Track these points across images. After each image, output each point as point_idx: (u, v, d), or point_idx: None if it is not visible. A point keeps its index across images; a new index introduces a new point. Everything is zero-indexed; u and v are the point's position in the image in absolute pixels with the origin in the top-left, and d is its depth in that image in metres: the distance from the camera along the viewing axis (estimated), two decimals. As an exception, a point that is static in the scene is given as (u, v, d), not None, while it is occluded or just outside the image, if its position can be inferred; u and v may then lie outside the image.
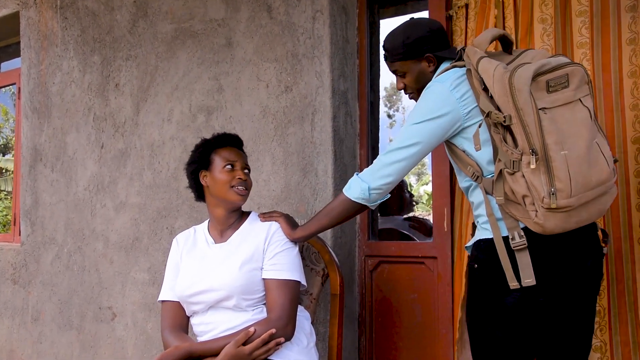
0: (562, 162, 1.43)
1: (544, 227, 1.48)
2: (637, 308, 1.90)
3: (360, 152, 2.50)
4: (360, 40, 2.53)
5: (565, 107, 1.47)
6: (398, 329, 2.40)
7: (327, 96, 2.34)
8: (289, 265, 1.86)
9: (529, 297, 1.54)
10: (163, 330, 1.92)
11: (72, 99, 3.13)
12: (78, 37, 3.12)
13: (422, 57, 1.75)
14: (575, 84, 1.48)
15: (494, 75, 1.49)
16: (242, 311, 1.84)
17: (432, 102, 1.65)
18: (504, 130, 1.51)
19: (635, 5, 1.93)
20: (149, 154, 2.82)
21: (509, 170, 1.50)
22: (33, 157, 3.27)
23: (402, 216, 3.24)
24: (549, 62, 1.49)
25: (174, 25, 2.78)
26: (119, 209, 2.91)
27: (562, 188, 1.43)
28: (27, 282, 3.27)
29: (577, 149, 1.45)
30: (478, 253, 1.65)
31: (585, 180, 1.45)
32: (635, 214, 1.91)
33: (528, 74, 1.44)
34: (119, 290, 2.88)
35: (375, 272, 2.45)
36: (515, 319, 1.56)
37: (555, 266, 1.55)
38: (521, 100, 1.44)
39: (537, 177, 1.45)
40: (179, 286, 1.92)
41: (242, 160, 1.95)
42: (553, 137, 1.43)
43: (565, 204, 1.43)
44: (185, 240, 2.02)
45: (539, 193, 1.45)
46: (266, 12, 2.51)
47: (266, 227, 1.92)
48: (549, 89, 1.46)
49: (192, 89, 2.70)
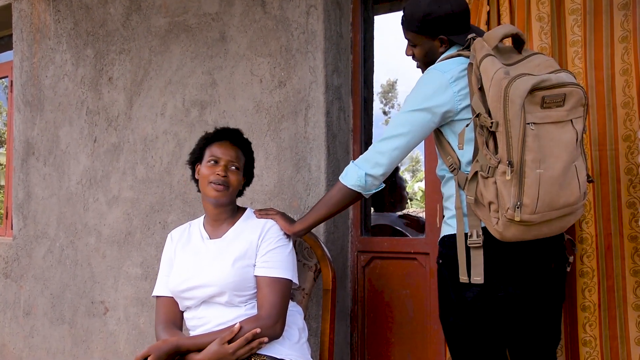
0: (534, 180, 1.45)
1: (502, 235, 1.53)
2: (625, 303, 1.92)
3: (353, 147, 2.50)
4: (354, 35, 2.52)
5: (554, 126, 1.48)
6: (390, 324, 2.41)
7: (320, 91, 2.34)
8: (281, 262, 1.86)
9: (487, 293, 1.59)
10: (157, 326, 1.92)
11: (64, 93, 3.11)
12: (71, 30, 3.11)
13: (436, 37, 1.75)
14: (570, 104, 1.50)
15: (492, 78, 1.49)
16: (235, 307, 1.84)
17: (430, 90, 1.65)
18: (488, 135, 1.52)
19: (628, 3, 1.94)
20: (142, 148, 2.81)
21: (484, 174, 1.53)
22: (25, 151, 3.26)
23: (396, 213, 3.25)
24: (549, 78, 1.48)
25: (167, 19, 2.77)
26: (111, 203, 2.90)
27: (528, 204, 1.46)
28: (19, 276, 3.26)
29: (553, 169, 1.47)
30: (442, 249, 1.71)
31: (552, 201, 1.49)
32: (625, 210, 1.93)
33: (525, 87, 1.44)
34: (112, 284, 2.88)
35: (368, 267, 2.45)
36: (475, 312, 1.62)
37: (515, 265, 1.60)
38: (511, 112, 1.44)
39: (507, 188, 1.48)
40: (172, 281, 1.92)
41: (229, 157, 1.92)
42: (532, 154, 1.45)
43: (527, 219, 1.47)
44: (179, 236, 2.02)
45: (505, 203, 1.48)
46: (260, 6, 2.50)
47: (261, 224, 1.91)
48: (543, 104, 1.47)
49: (186, 83, 2.70)
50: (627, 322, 1.92)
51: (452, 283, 1.65)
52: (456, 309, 1.66)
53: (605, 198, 1.95)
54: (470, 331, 1.66)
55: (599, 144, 1.96)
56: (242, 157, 1.97)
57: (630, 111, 1.93)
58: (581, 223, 1.96)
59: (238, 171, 1.93)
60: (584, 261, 1.96)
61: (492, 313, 1.62)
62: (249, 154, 2.02)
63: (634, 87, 1.92)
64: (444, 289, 1.71)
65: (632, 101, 1.92)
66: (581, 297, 1.97)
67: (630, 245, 1.92)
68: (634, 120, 1.92)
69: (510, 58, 1.59)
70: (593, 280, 1.95)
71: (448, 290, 1.68)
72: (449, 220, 1.71)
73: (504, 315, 1.62)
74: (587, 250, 1.96)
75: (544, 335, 1.70)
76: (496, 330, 1.64)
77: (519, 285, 1.61)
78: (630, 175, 1.93)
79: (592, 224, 1.96)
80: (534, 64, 1.58)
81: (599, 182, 1.96)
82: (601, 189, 1.96)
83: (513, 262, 1.61)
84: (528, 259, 1.62)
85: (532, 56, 1.62)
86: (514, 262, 1.61)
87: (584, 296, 1.96)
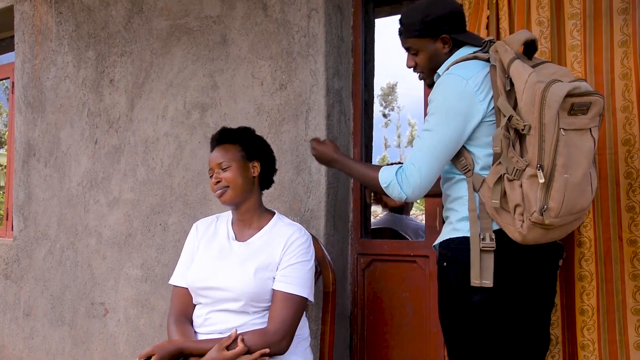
0: (561, 185, 1.47)
1: (525, 238, 1.54)
2: (625, 307, 1.92)
3: (353, 150, 2.51)
4: (355, 39, 2.53)
5: (576, 133, 1.50)
6: (390, 327, 2.41)
7: (321, 94, 2.35)
8: (299, 279, 1.84)
9: (495, 296, 1.60)
10: (169, 316, 1.93)
11: (66, 94, 3.12)
12: (73, 32, 3.12)
13: (438, 37, 1.72)
14: (592, 113, 1.52)
15: (527, 81, 1.48)
16: (245, 314, 1.84)
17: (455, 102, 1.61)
18: (515, 137, 1.52)
19: (627, 8, 1.95)
20: (142, 150, 2.82)
21: (510, 176, 1.53)
22: (26, 152, 3.27)
23: (404, 215, 3.20)
24: (579, 86, 1.50)
25: (169, 22, 2.78)
26: (112, 204, 2.91)
27: (553, 208, 1.48)
28: (19, 278, 3.26)
29: (576, 176, 1.49)
30: (447, 252, 1.70)
31: (572, 206, 1.51)
32: (624, 214, 1.93)
33: (562, 93, 1.45)
34: (112, 286, 2.88)
35: (368, 270, 2.46)
36: (482, 316, 1.62)
37: (521, 270, 1.62)
38: (547, 116, 1.45)
39: (534, 191, 1.49)
40: (191, 275, 1.92)
41: (216, 161, 1.91)
42: (562, 159, 1.47)
43: (549, 222, 1.49)
44: (205, 229, 2.01)
45: (531, 206, 1.49)
46: (262, 9, 2.51)
47: (286, 236, 1.89)
48: (571, 111, 1.48)
49: (187, 85, 2.71)
50: (627, 326, 1.92)
51: (458, 286, 1.64)
52: (461, 312, 1.65)
53: (605, 202, 1.96)
54: (474, 335, 1.65)
55: (599, 148, 1.96)
56: (235, 152, 1.92)
57: (630, 115, 1.94)
58: (580, 227, 1.97)
59: (230, 168, 1.89)
60: (583, 265, 1.96)
61: (496, 318, 1.62)
62: (247, 142, 1.96)
63: (634, 92, 1.93)
64: (448, 293, 1.69)
65: (631, 105, 1.93)
66: (579, 300, 1.97)
67: (630, 249, 1.92)
68: (634, 124, 1.92)
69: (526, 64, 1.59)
70: (591, 284, 1.95)
71: (453, 294, 1.67)
72: (457, 223, 1.69)
73: (507, 321, 1.62)
74: (586, 254, 1.96)
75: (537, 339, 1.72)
76: (499, 335, 1.64)
77: (523, 290, 1.62)
78: (629, 179, 1.93)
79: (591, 228, 1.96)
80: (549, 71, 1.58)
81: (599, 186, 1.96)
82: (600, 193, 1.96)
83: (519, 268, 1.62)
84: (532, 265, 1.63)
85: (543, 64, 1.63)
86: (520, 268, 1.62)
87: (582, 300, 1.96)
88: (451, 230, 1.70)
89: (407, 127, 31.80)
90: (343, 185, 2.45)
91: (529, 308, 1.64)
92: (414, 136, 30.19)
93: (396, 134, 32.81)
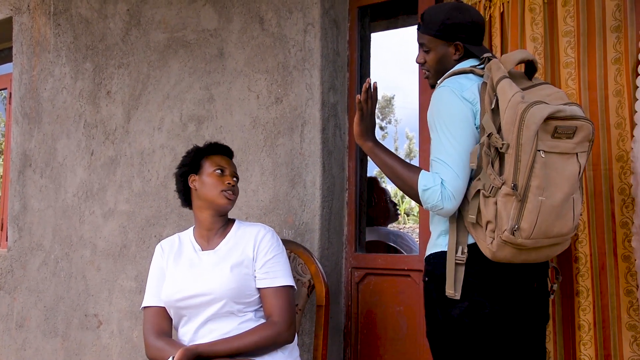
0: (535, 207, 1.47)
1: (494, 255, 1.54)
2: (620, 323, 1.92)
3: (348, 164, 2.51)
4: (350, 53, 2.55)
5: (560, 156, 1.50)
6: (383, 341, 2.40)
7: (316, 108, 2.36)
8: (282, 271, 1.90)
9: (473, 310, 1.60)
10: (148, 336, 1.90)
11: (63, 105, 3.13)
12: (70, 43, 3.13)
13: (452, 43, 1.73)
14: (579, 138, 1.52)
15: (510, 100, 1.49)
16: (233, 316, 1.85)
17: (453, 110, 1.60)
18: (495, 155, 1.52)
19: (620, 25, 1.96)
20: (138, 162, 2.82)
21: (485, 192, 1.53)
22: (22, 163, 3.27)
23: (386, 227, 3.24)
24: (564, 109, 1.50)
25: (166, 35, 2.79)
26: (107, 216, 2.91)
27: (525, 228, 1.48)
28: (13, 288, 3.25)
29: (553, 199, 1.49)
30: (428, 266, 1.72)
31: (547, 230, 1.51)
32: (619, 230, 1.94)
33: (542, 114, 1.45)
34: (106, 297, 2.87)
35: (362, 284, 2.45)
36: (461, 330, 1.62)
37: (500, 283, 1.61)
38: (525, 137, 1.45)
39: (507, 210, 1.49)
40: (167, 291, 1.91)
41: (232, 168, 2.00)
42: (537, 181, 1.47)
43: (520, 243, 1.49)
44: (170, 247, 2.03)
45: (502, 224, 1.49)
46: (258, 23, 2.53)
47: (253, 235, 1.94)
48: (554, 134, 1.49)
49: (183, 98, 2.72)
50: (621, 341, 1.92)
51: (438, 300, 1.65)
52: (442, 327, 1.66)
53: (600, 218, 1.96)
54: (456, 350, 1.65)
55: (593, 164, 1.97)
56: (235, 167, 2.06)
57: (623, 132, 1.95)
58: (575, 242, 1.97)
59: (237, 182, 2.01)
60: (579, 280, 1.97)
61: (477, 331, 1.62)
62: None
63: (626, 108, 1.94)
64: (430, 307, 1.70)
65: (624, 122, 1.94)
66: (576, 316, 1.97)
67: (624, 265, 1.92)
68: (626, 140, 1.93)
69: (521, 84, 1.60)
70: (587, 300, 1.95)
71: (434, 308, 1.68)
72: (437, 239, 1.70)
73: (489, 333, 1.62)
74: (581, 270, 1.96)
75: (527, 355, 1.70)
76: (481, 349, 1.64)
77: (504, 302, 1.61)
78: (623, 195, 1.94)
79: (586, 244, 1.96)
80: (545, 93, 1.59)
81: (593, 202, 1.97)
82: (595, 209, 1.97)
83: (498, 281, 1.62)
84: (512, 279, 1.62)
85: (541, 85, 1.63)
86: (500, 281, 1.62)
87: (579, 315, 1.96)
88: (432, 246, 1.72)
89: (404, 140, 31.88)
90: (338, 199, 2.46)
91: (511, 321, 1.63)
92: (412, 149, 30.20)
93: (394, 147, 32.91)
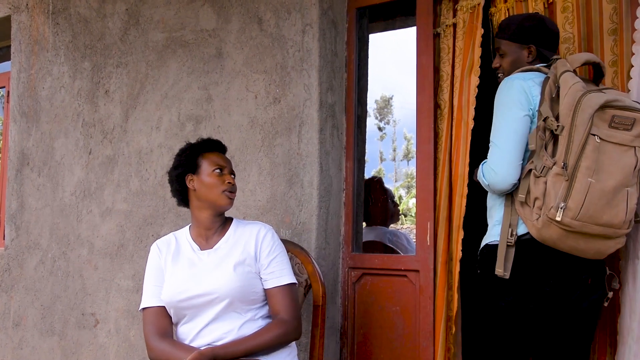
0: (583, 187, 1.51)
1: (540, 233, 1.59)
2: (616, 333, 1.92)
3: (346, 164, 2.52)
4: (348, 54, 2.56)
5: (615, 147, 1.54)
6: (380, 341, 2.41)
7: (314, 109, 2.37)
8: (285, 269, 1.93)
9: (520, 303, 1.66)
10: (150, 338, 1.85)
11: (61, 104, 3.13)
12: (69, 43, 3.13)
13: (526, 46, 1.82)
14: (637, 131, 1.55)
15: (570, 87, 1.56)
16: (237, 314, 1.85)
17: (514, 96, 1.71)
18: (549, 138, 1.59)
19: (617, 28, 1.98)
20: (136, 161, 2.83)
21: (537, 172, 1.60)
22: (20, 161, 3.27)
23: (387, 227, 3.25)
24: (623, 99, 1.55)
25: (165, 34, 2.80)
26: (105, 215, 2.91)
27: (572, 208, 1.51)
28: (10, 287, 3.25)
29: (604, 184, 1.52)
30: (481, 258, 1.79)
31: (596, 214, 1.53)
32: None
33: (598, 100, 1.51)
34: (103, 296, 2.88)
35: (359, 284, 2.46)
36: (507, 320, 1.68)
37: (548, 277, 1.65)
38: (579, 119, 1.51)
39: (556, 189, 1.54)
40: (168, 291, 1.88)
41: (229, 165, 1.99)
42: (588, 162, 1.51)
43: (567, 222, 1.52)
44: (167, 247, 1.99)
45: (550, 202, 1.54)
46: (257, 24, 2.54)
47: (254, 233, 1.94)
48: (611, 123, 1.53)
49: (182, 97, 2.72)
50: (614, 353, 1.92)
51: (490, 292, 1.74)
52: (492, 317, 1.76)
53: None
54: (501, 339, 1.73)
55: None
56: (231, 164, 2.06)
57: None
58: None
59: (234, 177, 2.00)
60: None
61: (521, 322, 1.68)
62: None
63: None
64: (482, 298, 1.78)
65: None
66: None
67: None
68: None
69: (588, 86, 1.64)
70: None
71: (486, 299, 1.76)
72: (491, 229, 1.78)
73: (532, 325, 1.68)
74: None
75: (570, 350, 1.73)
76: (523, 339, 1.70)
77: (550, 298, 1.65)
78: None
79: None
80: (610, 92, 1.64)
81: None
82: None
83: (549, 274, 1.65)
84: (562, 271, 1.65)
85: (608, 90, 1.67)
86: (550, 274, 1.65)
87: None
88: (486, 238, 1.80)
89: (402, 140, 31.87)
90: (335, 199, 2.47)
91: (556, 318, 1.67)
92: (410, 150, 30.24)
93: (392, 147, 32.86)
